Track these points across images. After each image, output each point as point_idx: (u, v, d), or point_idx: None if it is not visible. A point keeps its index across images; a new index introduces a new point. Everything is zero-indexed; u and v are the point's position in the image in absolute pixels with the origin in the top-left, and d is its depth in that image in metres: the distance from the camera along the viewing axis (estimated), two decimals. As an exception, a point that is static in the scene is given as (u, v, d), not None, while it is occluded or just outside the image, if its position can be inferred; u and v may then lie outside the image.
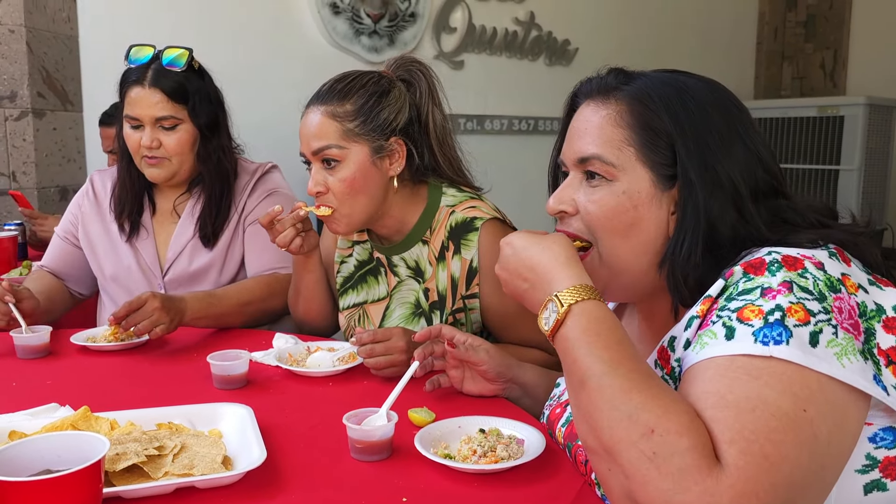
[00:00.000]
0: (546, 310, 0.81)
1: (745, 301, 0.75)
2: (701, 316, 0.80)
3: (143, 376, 1.30)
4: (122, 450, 0.88)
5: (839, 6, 6.58)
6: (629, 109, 0.87)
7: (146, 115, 1.63)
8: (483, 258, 1.38)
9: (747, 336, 0.72)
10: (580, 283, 0.81)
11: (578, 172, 0.91)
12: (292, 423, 1.06)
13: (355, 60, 4.37)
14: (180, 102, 1.65)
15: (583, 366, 0.75)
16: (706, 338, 0.75)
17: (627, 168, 0.86)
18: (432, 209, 1.44)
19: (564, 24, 5.37)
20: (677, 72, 0.92)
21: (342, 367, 1.28)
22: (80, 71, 3.64)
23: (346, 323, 1.57)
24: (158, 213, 1.79)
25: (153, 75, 1.64)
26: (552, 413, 1.04)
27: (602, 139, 0.88)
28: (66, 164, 3.62)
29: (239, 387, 1.22)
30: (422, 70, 1.46)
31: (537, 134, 5.33)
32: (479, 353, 1.15)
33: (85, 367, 1.36)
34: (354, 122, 1.35)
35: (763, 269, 0.76)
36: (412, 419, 1.05)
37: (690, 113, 0.85)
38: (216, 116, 1.72)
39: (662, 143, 0.85)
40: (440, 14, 4.74)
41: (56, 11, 3.48)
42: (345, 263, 1.57)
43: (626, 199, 0.86)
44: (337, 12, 4.29)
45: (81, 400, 1.14)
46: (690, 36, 5.93)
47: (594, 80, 0.94)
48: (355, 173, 1.35)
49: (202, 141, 1.71)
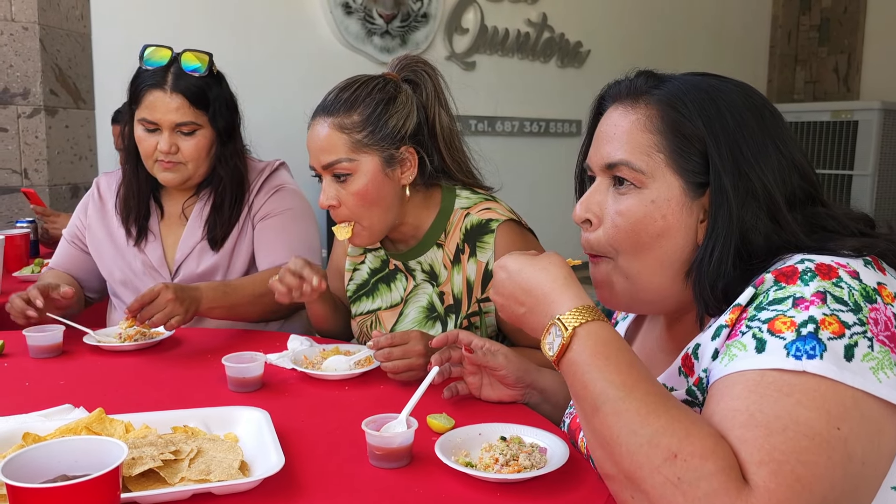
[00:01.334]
0: (549, 334, 0.78)
1: (776, 312, 0.72)
2: (730, 325, 0.77)
3: (156, 377, 1.29)
4: (137, 454, 0.86)
5: (853, 10, 6.53)
6: (660, 114, 0.84)
7: (166, 120, 1.61)
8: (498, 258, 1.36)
9: (779, 349, 0.69)
10: (582, 305, 0.78)
11: (606, 178, 0.88)
12: (309, 428, 1.05)
13: (367, 60, 4.36)
14: (201, 108, 1.63)
15: (595, 391, 0.73)
16: (735, 349, 0.73)
17: (657, 175, 0.84)
18: (446, 212, 1.42)
19: (577, 25, 5.34)
20: (708, 75, 0.89)
21: (358, 371, 1.27)
22: (93, 68, 3.64)
23: (358, 329, 1.55)
24: (167, 216, 1.76)
25: (174, 79, 1.61)
26: (573, 422, 1.02)
27: (631, 144, 0.85)
28: (78, 162, 3.62)
29: (254, 389, 1.21)
30: (427, 70, 1.42)
31: (548, 136, 5.31)
32: (497, 358, 1.13)
33: (98, 367, 1.34)
34: (363, 132, 1.32)
35: (795, 278, 0.74)
36: (431, 426, 1.03)
37: (723, 118, 0.82)
38: (233, 122, 1.71)
39: (694, 150, 0.82)
40: (452, 15, 4.72)
41: (69, 9, 3.48)
42: (357, 271, 1.56)
43: (655, 208, 0.84)
44: (349, 12, 4.28)
45: (95, 401, 1.13)
46: (703, 39, 5.90)
47: (623, 83, 0.91)
48: (367, 185, 1.33)
49: (219, 146, 1.69)
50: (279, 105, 4.17)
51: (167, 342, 1.47)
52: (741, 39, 6.25)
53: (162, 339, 1.46)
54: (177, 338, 1.51)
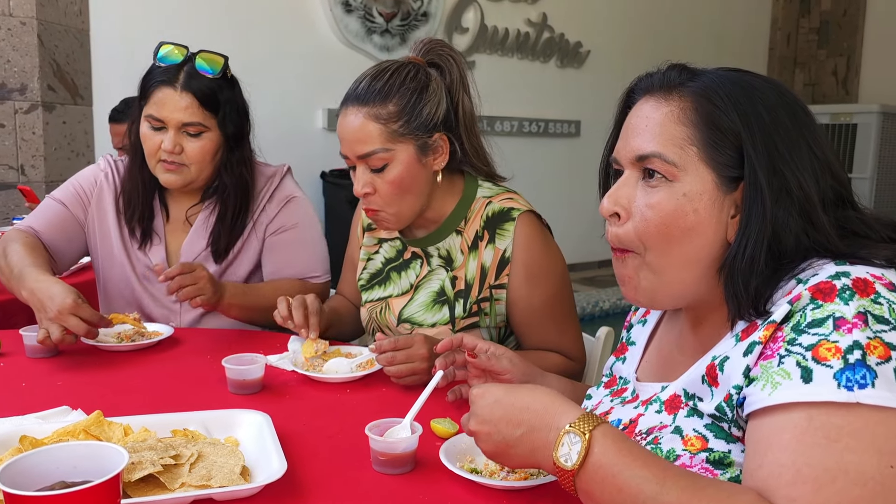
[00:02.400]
0: (562, 445, 0.74)
1: (818, 336, 0.70)
2: (763, 342, 0.75)
3: (155, 379, 1.27)
4: (136, 458, 0.84)
5: (853, 13, 6.53)
6: (694, 106, 0.82)
7: (173, 119, 1.55)
8: (517, 249, 1.36)
9: (828, 380, 0.67)
10: (584, 413, 0.76)
11: (635, 171, 0.86)
12: (311, 432, 1.03)
13: (366, 59, 4.35)
14: (210, 110, 1.58)
15: (632, 492, 0.70)
16: (779, 377, 0.71)
17: (689, 168, 0.81)
18: (468, 200, 1.42)
19: (577, 26, 5.34)
20: (742, 71, 0.87)
21: (360, 374, 1.25)
22: (91, 65, 3.62)
23: (367, 316, 1.53)
24: (172, 220, 1.71)
25: (185, 78, 1.56)
26: None
27: (663, 137, 0.83)
28: (76, 159, 3.60)
29: (254, 392, 1.19)
30: (452, 55, 1.41)
31: (547, 136, 5.30)
32: (501, 362, 1.11)
33: (95, 367, 1.32)
34: (398, 122, 1.32)
35: (833, 296, 0.72)
36: (435, 430, 1.02)
37: (759, 113, 0.80)
38: (243, 128, 1.67)
39: (728, 143, 0.80)
40: (452, 14, 4.71)
41: (68, 4, 3.46)
42: (371, 260, 1.55)
43: (687, 201, 0.81)
44: (349, 10, 4.27)
45: (92, 402, 1.11)
46: (703, 40, 5.90)
47: (655, 76, 0.89)
48: (402, 174, 1.33)
49: (226, 151, 1.64)
50: (279, 102, 4.16)
51: (166, 343, 1.46)
52: (741, 41, 6.26)
53: (160, 340, 1.45)
54: (176, 338, 1.49)
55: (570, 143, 5.46)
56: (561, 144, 5.40)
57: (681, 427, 0.82)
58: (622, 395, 0.99)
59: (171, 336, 1.47)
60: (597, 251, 5.70)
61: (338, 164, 4.27)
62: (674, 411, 0.85)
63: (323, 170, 4.22)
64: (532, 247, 1.37)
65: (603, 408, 1.00)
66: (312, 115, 4.32)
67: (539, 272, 1.37)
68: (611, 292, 5.03)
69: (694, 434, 0.80)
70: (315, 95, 4.30)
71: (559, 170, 5.26)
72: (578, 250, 4.94)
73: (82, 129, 3.63)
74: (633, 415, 0.91)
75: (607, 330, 1.50)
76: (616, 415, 0.94)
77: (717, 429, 0.79)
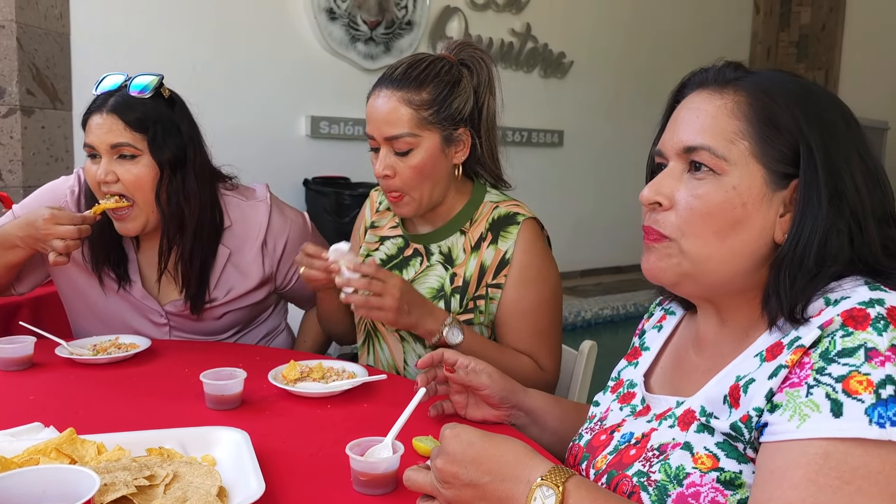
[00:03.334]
0: (535, 499, 0.73)
1: (849, 368, 0.69)
2: (789, 366, 0.73)
3: (131, 393, 1.25)
4: (110, 479, 0.82)
5: (831, 28, 6.63)
6: (749, 101, 0.81)
7: (101, 143, 1.45)
8: (518, 251, 1.40)
9: (859, 415, 0.66)
10: (555, 465, 0.75)
11: (681, 163, 0.84)
12: (290, 450, 1.01)
13: (350, 66, 4.33)
14: (138, 130, 1.45)
15: None
16: (807, 409, 0.69)
17: (739, 163, 0.80)
18: (476, 203, 1.47)
19: (560, 36, 5.36)
20: (795, 75, 0.85)
21: (339, 389, 1.23)
22: (71, 69, 3.57)
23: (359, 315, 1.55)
24: (143, 252, 1.60)
25: (114, 101, 1.46)
26: (595, 439, 0.97)
27: (714, 129, 0.81)
28: (54, 164, 3.55)
29: (233, 407, 1.17)
30: (484, 58, 1.46)
31: (531, 146, 5.31)
32: (480, 378, 1.10)
33: (70, 381, 1.30)
34: (429, 110, 1.37)
35: (866, 324, 0.70)
36: (417, 449, 1.00)
37: (817, 113, 0.79)
38: (183, 153, 1.51)
39: (782, 140, 0.79)
40: (437, 23, 4.71)
41: (48, 8, 3.42)
42: (370, 256, 1.56)
43: (736, 194, 0.79)
44: (333, 18, 4.25)
45: (66, 418, 1.09)
46: (685, 53, 5.94)
47: (710, 70, 0.87)
48: (425, 160, 1.37)
49: (161, 181, 1.49)
50: (262, 110, 4.13)
51: (143, 355, 1.43)
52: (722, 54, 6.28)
53: (137, 352, 1.42)
54: (153, 350, 1.46)
55: (553, 152, 5.48)
56: (544, 154, 5.41)
57: (691, 444, 0.81)
58: (631, 403, 0.97)
59: (148, 348, 1.45)
60: (579, 260, 5.72)
61: (321, 171, 4.25)
62: (686, 427, 0.83)
63: (306, 177, 4.19)
64: (532, 252, 1.41)
65: (613, 417, 0.98)
66: (296, 122, 4.29)
67: (533, 276, 1.41)
68: (593, 302, 5.04)
69: (705, 452, 0.79)
70: (299, 103, 4.27)
71: (542, 179, 5.27)
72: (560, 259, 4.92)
73: (62, 134, 3.58)
74: (647, 429, 0.89)
75: (591, 344, 1.49)
76: (628, 427, 0.93)
77: (730, 448, 0.78)
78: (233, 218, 1.61)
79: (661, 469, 0.81)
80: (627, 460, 0.86)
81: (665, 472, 0.80)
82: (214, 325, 1.64)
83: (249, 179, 1.73)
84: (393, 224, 1.57)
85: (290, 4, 4.19)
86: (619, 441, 0.91)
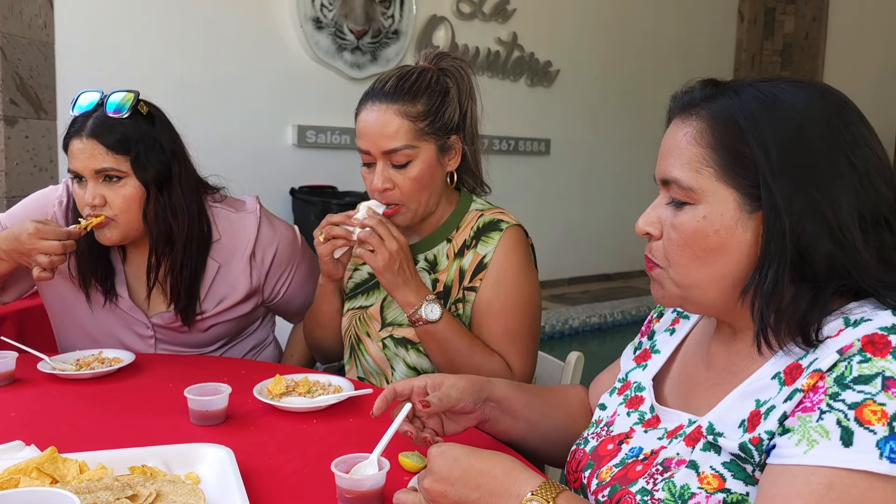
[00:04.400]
0: None
1: (864, 395, 0.67)
2: (805, 390, 0.72)
3: (114, 409, 1.23)
4: (91, 499, 0.81)
5: (814, 36, 6.70)
6: (711, 126, 0.81)
7: (86, 169, 1.44)
8: (497, 257, 1.41)
9: (870, 447, 0.65)
10: (544, 481, 0.75)
11: (665, 191, 0.86)
12: (276, 467, 1.01)
13: (337, 75, 4.33)
14: (120, 153, 1.44)
15: None
16: (816, 434, 0.68)
17: (707, 190, 0.80)
18: (461, 211, 1.49)
19: (547, 45, 5.39)
20: (777, 80, 0.83)
21: (325, 404, 1.23)
22: (56, 78, 3.55)
23: (347, 323, 1.54)
24: (130, 261, 1.60)
25: (92, 125, 1.44)
26: (602, 447, 0.95)
27: (681, 160, 0.82)
28: (38, 174, 3.52)
29: (217, 423, 1.16)
30: (463, 67, 1.48)
31: (517, 154, 5.33)
32: (451, 396, 1.05)
33: (53, 397, 1.28)
34: (424, 121, 1.39)
35: (886, 351, 0.68)
36: (403, 465, 1.00)
37: (778, 129, 0.77)
38: (168, 169, 1.50)
39: (745, 163, 0.79)
40: (423, 32, 4.72)
41: (32, 17, 3.40)
42: (358, 271, 1.57)
43: (707, 223, 0.80)
44: (320, 27, 4.25)
45: (48, 435, 1.08)
46: (671, 61, 5.99)
47: (679, 94, 0.88)
48: (424, 171, 1.39)
49: (148, 200, 1.48)
50: (249, 119, 4.12)
51: (126, 370, 1.41)
52: (707, 62, 6.36)
53: (121, 367, 1.41)
54: (137, 364, 1.45)
55: (540, 161, 5.50)
56: (531, 162, 5.43)
57: (696, 462, 0.79)
58: (639, 410, 0.95)
59: (132, 363, 1.43)
60: (566, 268, 5.73)
61: (308, 180, 4.24)
62: (691, 443, 0.82)
63: (293, 186, 4.18)
64: (510, 257, 1.41)
65: (620, 424, 0.96)
66: (282, 131, 4.29)
67: (508, 280, 1.41)
68: (580, 310, 5.05)
69: (711, 472, 0.77)
70: (285, 112, 4.27)
71: (529, 188, 5.29)
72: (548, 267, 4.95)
73: (46, 144, 3.56)
74: (656, 446, 0.87)
75: (577, 355, 1.49)
76: (638, 441, 0.91)
77: (738, 468, 0.76)
78: (221, 230, 1.60)
79: (665, 487, 0.80)
80: (633, 475, 0.85)
81: (669, 490, 0.79)
82: (201, 338, 1.63)
83: (237, 188, 1.72)
84: None
85: (276, 14, 4.19)
86: (626, 454, 0.90)
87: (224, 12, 4.00)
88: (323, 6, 4.25)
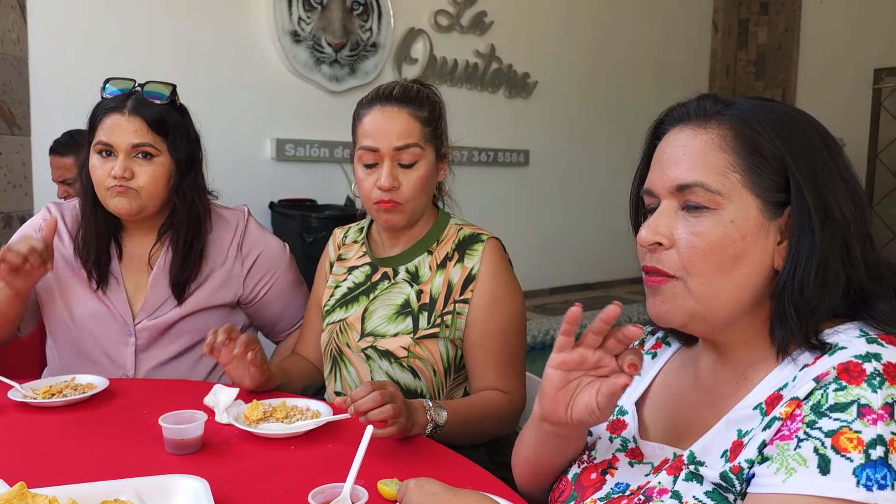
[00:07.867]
0: None
1: (840, 423, 0.68)
2: (783, 418, 0.72)
3: (87, 438, 1.21)
4: (62, 538, 0.79)
5: (787, 47, 6.80)
6: (734, 133, 0.81)
7: (122, 143, 1.53)
8: (485, 271, 1.44)
9: (847, 475, 0.65)
10: None
11: (675, 200, 0.84)
12: (253, 497, 0.99)
13: (315, 88, 4.32)
14: (160, 133, 1.58)
15: None
16: (794, 462, 0.68)
17: (733, 195, 0.80)
18: (441, 225, 1.54)
19: (524, 57, 5.41)
20: (773, 101, 0.86)
21: (304, 429, 1.21)
22: (29, 94, 3.50)
23: (327, 338, 1.56)
24: (126, 258, 1.66)
25: (134, 104, 1.56)
26: (585, 476, 0.94)
27: (705, 165, 0.81)
28: (12, 190, 3.47)
29: (193, 451, 1.14)
30: (436, 92, 1.54)
31: (497, 165, 5.34)
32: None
33: (21, 426, 1.25)
34: (429, 127, 1.46)
35: (861, 379, 0.69)
36: (382, 493, 0.99)
37: (798, 138, 0.80)
38: (193, 155, 1.66)
39: (771, 168, 0.79)
40: (402, 45, 4.73)
41: (5, 32, 3.35)
42: (338, 287, 1.59)
43: (735, 228, 0.79)
44: (298, 40, 4.24)
45: (17, 467, 1.06)
46: (647, 71, 6.04)
47: (690, 105, 0.87)
48: (427, 173, 1.46)
49: (178, 177, 1.62)
50: (227, 132, 4.09)
51: (100, 396, 1.39)
52: (682, 72, 6.43)
53: (94, 394, 1.38)
54: (111, 391, 1.42)
55: (520, 171, 5.51)
56: (510, 173, 5.44)
57: (680, 493, 0.79)
58: (622, 436, 0.94)
59: (105, 389, 1.41)
60: (547, 278, 5.74)
61: (287, 194, 4.21)
62: (674, 472, 0.82)
63: (272, 200, 4.15)
64: (499, 274, 1.45)
65: (602, 450, 0.95)
66: (261, 144, 4.26)
67: (501, 298, 1.44)
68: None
69: (694, 501, 0.77)
70: (264, 125, 4.24)
71: (509, 198, 5.30)
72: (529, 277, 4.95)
73: (20, 160, 3.50)
74: (642, 482, 0.86)
75: (557, 373, 1.49)
76: (621, 476, 0.90)
77: (721, 498, 0.76)
78: (213, 222, 1.70)
79: None
80: None
81: None
82: (181, 341, 1.64)
83: (216, 202, 1.76)
84: (360, 253, 1.59)
85: (253, 27, 4.17)
86: (612, 489, 0.89)
87: (201, 26, 3.97)
88: (301, 19, 4.24)
